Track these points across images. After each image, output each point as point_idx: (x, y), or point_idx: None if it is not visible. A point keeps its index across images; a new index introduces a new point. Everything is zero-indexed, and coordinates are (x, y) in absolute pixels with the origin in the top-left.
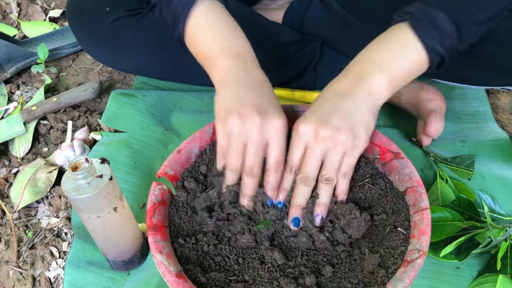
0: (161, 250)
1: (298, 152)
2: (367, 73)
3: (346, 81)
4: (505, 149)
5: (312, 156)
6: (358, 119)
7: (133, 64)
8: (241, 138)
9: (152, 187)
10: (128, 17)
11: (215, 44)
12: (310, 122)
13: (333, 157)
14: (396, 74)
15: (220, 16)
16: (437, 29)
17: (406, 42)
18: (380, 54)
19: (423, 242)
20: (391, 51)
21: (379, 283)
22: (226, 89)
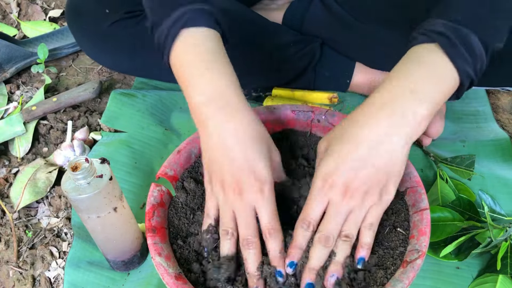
0: (160, 252)
1: (319, 207)
2: (410, 110)
3: (384, 119)
4: (505, 149)
5: (337, 215)
6: (392, 173)
7: (132, 66)
8: (227, 205)
9: (151, 188)
10: (127, 19)
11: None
12: (340, 173)
13: (358, 214)
14: (436, 105)
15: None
16: (470, 52)
17: (443, 69)
18: (419, 83)
19: (422, 243)
20: (430, 80)
21: (378, 284)
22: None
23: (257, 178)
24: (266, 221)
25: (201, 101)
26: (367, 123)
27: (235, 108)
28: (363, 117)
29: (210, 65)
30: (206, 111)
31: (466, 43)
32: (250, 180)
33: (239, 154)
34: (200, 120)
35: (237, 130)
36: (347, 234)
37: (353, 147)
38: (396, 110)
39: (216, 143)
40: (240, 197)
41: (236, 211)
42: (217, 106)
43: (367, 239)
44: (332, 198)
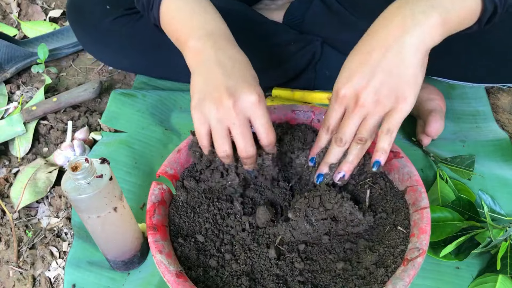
0: (161, 250)
1: (336, 115)
2: (420, 13)
3: (397, 25)
4: (505, 149)
5: (351, 121)
6: (405, 77)
7: (133, 63)
8: (222, 123)
9: (152, 186)
10: (128, 15)
11: (186, 25)
12: (350, 85)
13: (372, 120)
14: (451, 16)
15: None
16: None
17: None
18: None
19: (423, 241)
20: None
21: (379, 282)
22: (197, 72)
23: (254, 88)
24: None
25: (202, 35)
26: (380, 30)
27: (233, 41)
28: (377, 25)
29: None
30: (206, 42)
31: None
32: (247, 89)
33: (238, 70)
34: (199, 51)
35: (237, 55)
36: (360, 138)
37: (365, 55)
38: (407, 12)
39: (214, 62)
40: (235, 107)
41: (231, 122)
42: (216, 38)
43: (383, 144)
44: (346, 107)
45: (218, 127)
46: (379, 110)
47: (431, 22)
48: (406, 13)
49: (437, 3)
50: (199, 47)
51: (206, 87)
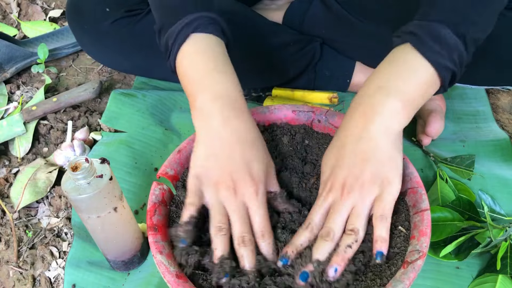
0: (161, 250)
1: (320, 211)
2: (379, 103)
3: (359, 117)
4: (505, 149)
5: (338, 212)
6: (383, 161)
7: (132, 64)
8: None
9: (153, 187)
10: (128, 17)
11: (196, 83)
12: (333, 177)
13: (360, 208)
14: (410, 97)
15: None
16: (441, 45)
17: (414, 64)
18: (389, 80)
19: (423, 243)
20: (401, 75)
21: (379, 285)
22: (201, 139)
23: (253, 179)
24: (259, 221)
25: (208, 98)
26: (347, 125)
27: (241, 108)
28: (344, 122)
29: (218, 67)
30: (212, 106)
31: (435, 37)
32: (246, 179)
33: (239, 152)
34: (204, 116)
35: (240, 129)
36: (351, 229)
37: (340, 149)
38: (366, 106)
39: (218, 138)
40: (235, 195)
41: (230, 209)
42: (224, 103)
43: (380, 232)
44: (333, 200)
45: (217, 206)
46: (366, 196)
47: (390, 109)
48: (365, 104)
49: (392, 89)
50: (205, 110)
51: (208, 161)
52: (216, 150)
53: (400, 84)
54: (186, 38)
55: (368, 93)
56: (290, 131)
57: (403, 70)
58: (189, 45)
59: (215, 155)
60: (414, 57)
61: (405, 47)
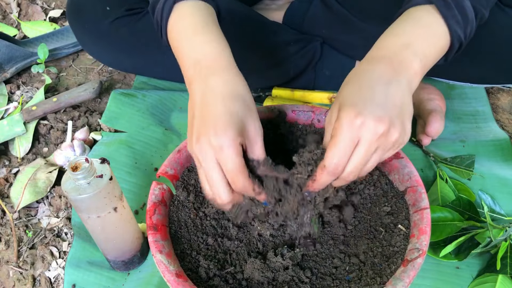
0: (161, 250)
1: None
2: (407, 61)
3: (387, 67)
4: (505, 149)
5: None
6: (407, 111)
7: (133, 63)
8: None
9: (152, 186)
10: (128, 16)
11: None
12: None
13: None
14: (427, 61)
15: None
16: (462, 15)
17: (436, 28)
18: (417, 40)
19: (422, 242)
20: (424, 37)
21: (379, 283)
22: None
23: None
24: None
25: (191, 63)
26: (372, 71)
27: (220, 66)
28: (366, 67)
29: (199, 30)
30: (192, 73)
31: (459, 7)
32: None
33: (209, 108)
34: (189, 81)
35: (215, 87)
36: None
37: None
38: (395, 60)
39: (195, 99)
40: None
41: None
42: (202, 66)
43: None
44: (363, 135)
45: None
46: (389, 144)
47: (414, 69)
48: (391, 59)
49: (417, 50)
50: (187, 78)
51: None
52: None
53: (425, 47)
54: (171, 10)
55: (394, 48)
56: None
57: (428, 33)
58: (173, 17)
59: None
60: (437, 22)
61: (429, 9)
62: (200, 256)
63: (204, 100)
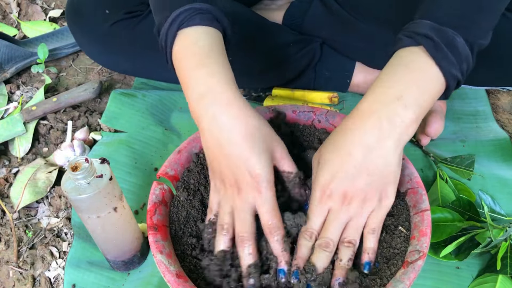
0: (161, 250)
1: (319, 218)
2: (397, 116)
3: (373, 128)
4: (505, 149)
5: (337, 221)
6: (389, 177)
7: (132, 66)
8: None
9: (153, 186)
10: (127, 19)
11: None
12: (336, 183)
13: (358, 220)
14: (422, 109)
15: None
16: (455, 54)
17: (429, 73)
18: (407, 89)
19: (423, 243)
20: (416, 84)
21: (379, 285)
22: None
23: (252, 176)
24: (266, 218)
25: (195, 99)
26: (357, 131)
27: (227, 102)
28: (353, 125)
29: (203, 61)
30: (199, 107)
31: (450, 45)
32: (246, 178)
33: (233, 151)
34: (196, 118)
35: (228, 125)
36: (349, 240)
37: (346, 156)
38: (384, 117)
39: (210, 140)
40: (239, 194)
41: (235, 207)
42: (209, 101)
43: (370, 244)
44: (331, 207)
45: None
46: (365, 211)
47: (407, 123)
48: (380, 114)
49: (410, 101)
50: (195, 113)
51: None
52: (213, 152)
53: (417, 96)
54: (174, 38)
55: (385, 101)
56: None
57: (419, 78)
58: (177, 45)
59: (214, 158)
60: (428, 65)
61: (417, 51)
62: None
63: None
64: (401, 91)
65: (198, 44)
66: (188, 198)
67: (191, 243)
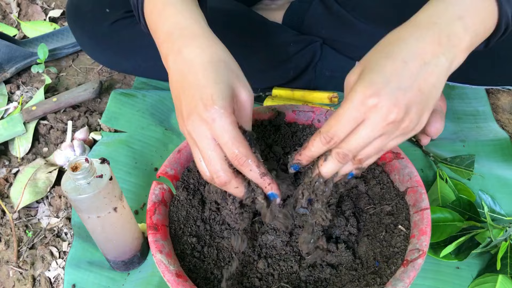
0: (161, 249)
1: (350, 125)
2: (456, 33)
3: (431, 42)
4: (505, 149)
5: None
6: (433, 98)
7: (132, 65)
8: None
9: (153, 186)
10: (127, 18)
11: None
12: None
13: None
14: (476, 39)
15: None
16: None
17: (487, 3)
18: (465, 9)
19: (423, 242)
20: (475, 10)
21: (379, 283)
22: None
23: (205, 106)
24: (230, 149)
25: (163, 39)
26: (415, 40)
27: (193, 36)
28: (407, 33)
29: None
30: (166, 46)
31: None
32: (199, 109)
33: (191, 81)
34: (164, 58)
35: (191, 54)
36: (361, 159)
37: (401, 63)
38: (444, 33)
39: (174, 75)
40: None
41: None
42: (174, 37)
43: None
44: (370, 117)
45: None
46: (399, 132)
47: (462, 47)
48: (441, 29)
49: (469, 25)
50: (162, 52)
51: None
52: (175, 87)
53: (476, 23)
54: None
55: (447, 16)
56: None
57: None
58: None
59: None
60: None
61: None
62: (200, 255)
63: (183, 73)
64: (463, 11)
65: None
66: (188, 198)
67: (190, 242)
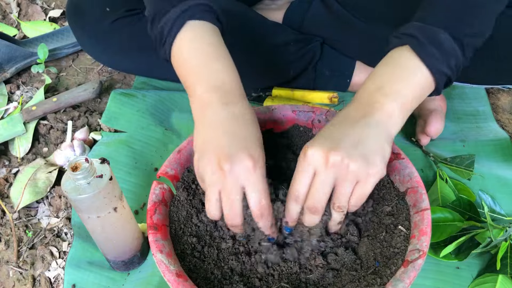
0: (161, 249)
1: (305, 180)
2: (378, 102)
3: (356, 110)
4: (505, 149)
5: (322, 184)
6: (371, 146)
7: (133, 64)
8: (214, 187)
9: (153, 186)
10: (128, 17)
11: (195, 72)
12: (319, 146)
13: (345, 186)
14: (406, 101)
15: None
16: (440, 50)
17: (412, 67)
18: (389, 81)
19: (423, 243)
20: (399, 78)
21: (379, 284)
22: (200, 126)
23: (250, 154)
24: (254, 199)
25: (206, 89)
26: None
27: (238, 96)
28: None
29: (215, 57)
30: (208, 97)
31: (434, 41)
32: (243, 155)
33: (235, 132)
34: (201, 107)
35: (235, 113)
36: (339, 206)
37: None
38: (366, 103)
39: (213, 122)
40: (230, 172)
41: (223, 189)
42: (219, 93)
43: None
44: (316, 169)
45: (210, 189)
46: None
47: (387, 110)
48: (364, 102)
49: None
50: (205, 99)
51: (205, 145)
52: (212, 133)
53: (399, 87)
54: (182, 25)
55: (368, 92)
56: None
57: (402, 73)
58: (186, 33)
59: (210, 139)
60: (412, 61)
61: (404, 49)
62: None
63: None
64: (383, 82)
65: (209, 38)
66: (188, 198)
67: (191, 242)
